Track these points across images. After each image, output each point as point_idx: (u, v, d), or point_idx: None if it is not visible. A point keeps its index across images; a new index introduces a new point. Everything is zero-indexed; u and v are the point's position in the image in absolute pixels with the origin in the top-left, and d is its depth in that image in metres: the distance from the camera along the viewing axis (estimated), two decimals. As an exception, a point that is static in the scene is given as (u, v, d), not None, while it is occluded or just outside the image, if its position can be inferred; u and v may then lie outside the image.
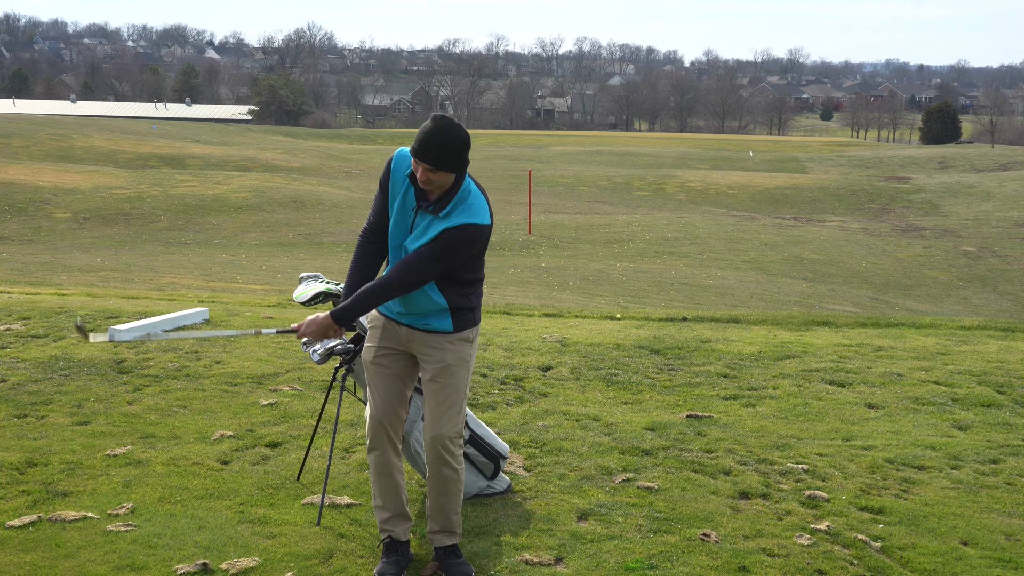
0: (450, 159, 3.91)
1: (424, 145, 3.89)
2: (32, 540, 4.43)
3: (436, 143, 3.88)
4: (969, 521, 4.85)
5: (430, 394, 4.22)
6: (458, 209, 4.01)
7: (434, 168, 3.91)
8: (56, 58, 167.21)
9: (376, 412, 4.28)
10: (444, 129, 3.89)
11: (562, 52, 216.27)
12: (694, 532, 4.63)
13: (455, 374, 4.21)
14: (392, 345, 4.26)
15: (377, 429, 4.27)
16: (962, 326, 9.85)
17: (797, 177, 53.12)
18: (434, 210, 4.02)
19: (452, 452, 4.22)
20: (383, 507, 4.30)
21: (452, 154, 3.90)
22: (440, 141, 3.88)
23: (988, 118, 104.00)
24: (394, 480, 4.30)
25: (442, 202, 4.01)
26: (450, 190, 4.01)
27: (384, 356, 4.27)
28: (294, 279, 17.48)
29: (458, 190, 4.02)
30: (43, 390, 6.76)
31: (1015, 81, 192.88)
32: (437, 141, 3.88)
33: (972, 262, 27.81)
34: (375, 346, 4.28)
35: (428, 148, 3.89)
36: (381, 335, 4.27)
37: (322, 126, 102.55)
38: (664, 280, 20.52)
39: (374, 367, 4.28)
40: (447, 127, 3.90)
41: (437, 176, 3.93)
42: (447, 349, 4.19)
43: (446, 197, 4.01)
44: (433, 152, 3.88)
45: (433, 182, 3.95)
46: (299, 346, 8.27)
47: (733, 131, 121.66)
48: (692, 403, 6.81)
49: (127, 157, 51.02)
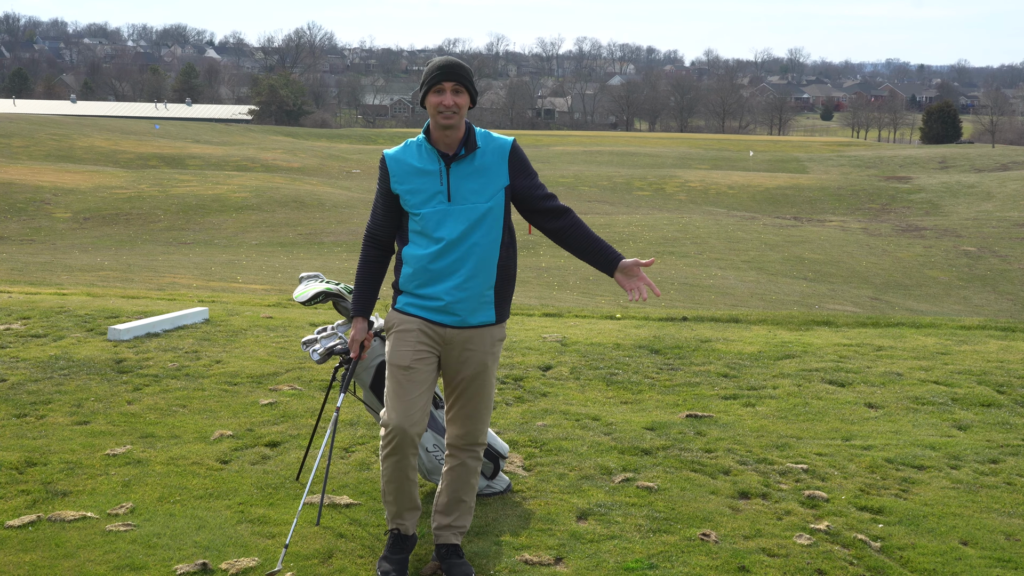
0: (470, 75, 3.94)
1: (444, 67, 3.89)
2: (32, 540, 4.42)
3: (453, 63, 3.91)
4: (969, 521, 4.85)
5: (466, 397, 4.13)
6: (486, 137, 4.03)
7: (463, 84, 3.89)
8: (56, 58, 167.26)
9: (402, 421, 4.04)
10: (447, 56, 3.97)
11: (562, 52, 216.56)
12: (694, 532, 4.62)
13: (492, 374, 4.14)
14: (429, 349, 4.07)
15: (402, 437, 4.06)
16: (962, 326, 9.84)
17: (797, 177, 53.11)
18: (467, 150, 3.97)
19: (481, 447, 4.24)
20: (394, 503, 4.21)
21: (469, 71, 3.94)
22: (454, 61, 3.92)
23: (989, 118, 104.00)
24: (411, 481, 4.19)
25: (468, 143, 3.98)
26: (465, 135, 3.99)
27: (420, 361, 4.06)
28: (294, 279, 17.47)
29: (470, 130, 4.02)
30: (43, 390, 6.75)
31: (1015, 81, 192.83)
32: (452, 61, 3.91)
33: (972, 262, 27.80)
34: (411, 350, 4.04)
35: (450, 66, 3.90)
36: (418, 338, 4.05)
37: (322, 126, 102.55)
38: (664, 280, 20.51)
39: (407, 373, 4.05)
40: (447, 56, 4.00)
41: (462, 100, 3.90)
42: (487, 350, 4.09)
43: (466, 138, 3.98)
44: (456, 68, 3.89)
45: (459, 109, 3.89)
46: (299, 346, 8.27)
47: (733, 131, 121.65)
48: (692, 403, 6.81)
49: (127, 157, 51.02)
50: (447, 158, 3.96)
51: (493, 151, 4.02)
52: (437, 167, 3.97)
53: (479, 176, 3.99)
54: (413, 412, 4.05)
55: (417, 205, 3.98)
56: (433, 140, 3.99)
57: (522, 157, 4.09)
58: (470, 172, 3.98)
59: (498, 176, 4.01)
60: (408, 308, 4.06)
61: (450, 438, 4.21)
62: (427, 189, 3.97)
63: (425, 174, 3.97)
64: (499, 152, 4.03)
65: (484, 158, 4.00)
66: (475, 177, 3.98)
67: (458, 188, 3.97)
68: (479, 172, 3.99)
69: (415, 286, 4.02)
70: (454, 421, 4.18)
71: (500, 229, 4.04)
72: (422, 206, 3.97)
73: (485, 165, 4.00)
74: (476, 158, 3.99)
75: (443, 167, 3.97)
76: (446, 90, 3.88)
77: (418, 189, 3.97)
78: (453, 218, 3.95)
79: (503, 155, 4.03)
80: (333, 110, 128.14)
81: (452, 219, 3.95)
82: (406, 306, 4.07)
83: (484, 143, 4.02)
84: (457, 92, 3.89)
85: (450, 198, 3.96)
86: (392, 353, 4.09)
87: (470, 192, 3.97)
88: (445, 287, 3.97)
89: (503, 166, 4.02)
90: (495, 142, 4.05)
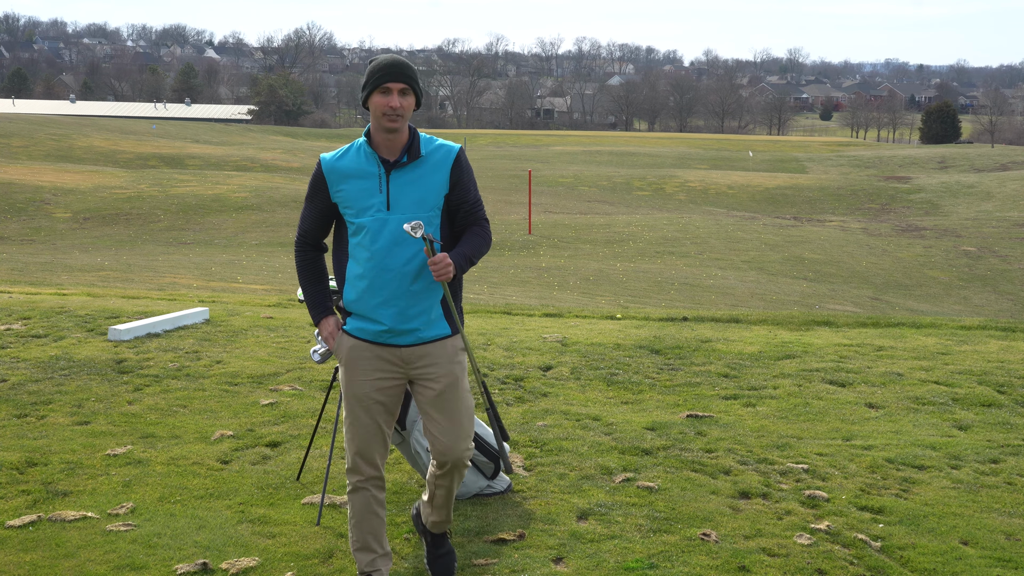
0: (416, 76, 3.75)
1: (390, 66, 3.68)
2: (32, 540, 4.42)
3: (400, 61, 3.71)
4: (969, 521, 4.85)
5: (441, 411, 3.86)
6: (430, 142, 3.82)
7: (410, 85, 3.68)
8: (56, 58, 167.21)
9: (365, 450, 3.88)
10: (392, 55, 3.77)
11: (562, 52, 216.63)
12: (694, 532, 4.62)
13: (462, 383, 3.90)
14: (390, 374, 3.84)
15: (365, 468, 3.90)
16: (962, 326, 9.85)
17: (797, 177, 53.12)
18: (409, 158, 3.74)
19: (468, 453, 4.00)
20: (366, 548, 3.98)
21: (415, 71, 3.75)
22: (400, 60, 3.72)
23: (988, 118, 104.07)
24: (379, 518, 3.99)
25: (412, 149, 3.76)
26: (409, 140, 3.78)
27: (381, 392, 3.84)
28: (294, 279, 17.47)
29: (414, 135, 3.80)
30: (43, 390, 6.75)
31: (1015, 81, 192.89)
32: (398, 60, 3.71)
33: (972, 262, 27.82)
34: (370, 380, 3.82)
35: (397, 65, 3.69)
36: (373, 365, 3.82)
37: (322, 126, 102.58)
38: (664, 280, 20.52)
39: (368, 403, 3.84)
40: (391, 54, 3.79)
41: (408, 101, 3.70)
42: (451, 359, 3.86)
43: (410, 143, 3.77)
44: (403, 67, 3.68)
45: (404, 112, 3.68)
46: (299, 346, 8.27)
47: (733, 131, 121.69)
48: (692, 403, 6.81)
49: (127, 157, 51.02)
50: (387, 164, 3.74)
51: (437, 159, 3.80)
52: (377, 172, 3.74)
53: (420, 185, 3.75)
54: (376, 441, 3.88)
55: (355, 214, 3.74)
56: (374, 144, 3.76)
57: (466, 167, 3.84)
58: (412, 180, 3.75)
59: (440, 185, 3.78)
60: (358, 333, 3.83)
61: (434, 456, 3.94)
62: (365, 197, 3.73)
63: (364, 180, 3.74)
64: (443, 160, 3.80)
65: (427, 166, 3.77)
66: (416, 185, 3.75)
67: (398, 197, 3.73)
68: (421, 180, 3.76)
69: (360, 306, 3.79)
70: (434, 441, 3.89)
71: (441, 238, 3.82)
72: (360, 215, 3.73)
73: (427, 173, 3.77)
74: (418, 165, 3.76)
75: (383, 173, 3.73)
76: (392, 91, 3.66)
77: (356, 196, 3.74)
78: (391, 228, 3.71)
79: (446, 163, 3.80)
80: (332, 110, 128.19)
81: (390, 229, 3.71)
82: (356, 331, 3.83)
83: (428, 150, 3.80)
84: (404, 93, 3.68)
85: (389, 207, 3.72)
86: (348, 383, 3.85)
87: (411, 202, 3.73)
88: (391, 305, 3.74)
89: (445, 174, 3.79)
90: (440, 149, 3.82)
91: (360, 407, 3.85)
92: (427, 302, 3.79)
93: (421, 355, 3.82)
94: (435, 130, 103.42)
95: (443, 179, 3.78)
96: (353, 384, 3.85)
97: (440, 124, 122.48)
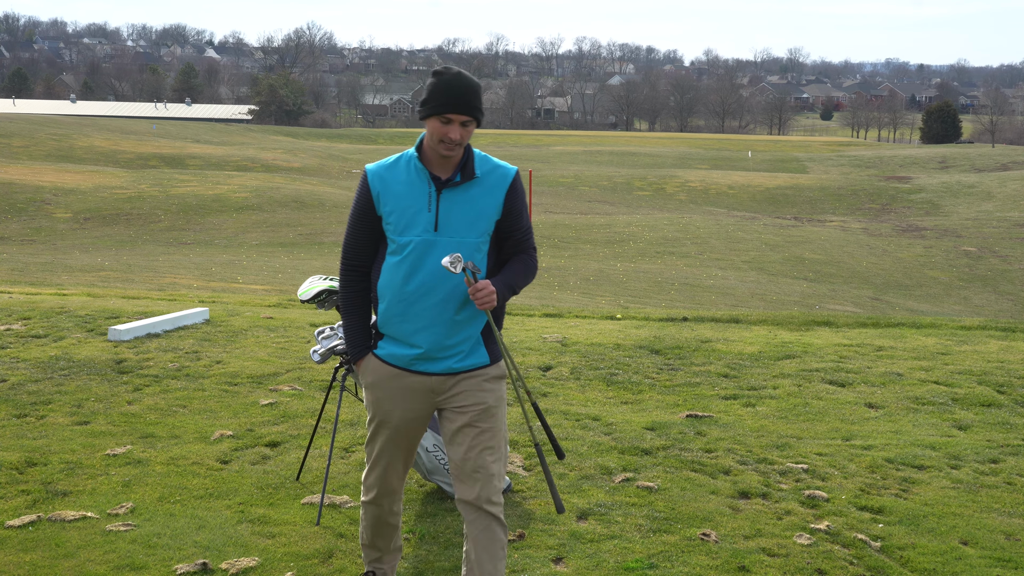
0: (480, 105, 3.44)
1: (457, 97, 3.36)
2: (32, 540, 4.42)
3: (467, 89, 3.38)
4: (969, 521, 4.85)
5: (466, 443, 3.55)
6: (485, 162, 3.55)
7: (473, 119, 3.40)
8: (56, 58, 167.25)
9: (389, 477, 3.73)
10: (462, 75, 3.41)
11: (562, 52, 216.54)
12: (694, 532, 4.62)
13: (496, 415, 3.59)
14: (418, 404, 3.61)
15: (386, 491, 3.76)
16: (962, 326, 9.85)
17: (797, 177, 53.12)
18: (463, 177, 3.48)
19: (499, 507, 3.59)
20: (374, 547, 3.91)
21: (479, 100, 3.43)
22: (468, 86, 3.39)
23: (988, 118, 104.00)
24: (393, 526, 3.88)
25: (466, 168, 3.50)
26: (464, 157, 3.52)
27: (408, 421, 3.63)
28: (295, 279, 17.48)
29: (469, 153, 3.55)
30: (43, 390, 6.75)
31: (1015, 80, 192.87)
32: (465, 87, 3.38)
33: (973, 262, 27.81)
34: (397, 409, 3.60)
35: (464, 96, 3.37)
36: (401, 395, 3.59)
37: (322, 126, 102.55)
38: (664, 280, 20.52)
39: (392, 431, 3.64)
40: (462, 73, 3.42)
41: (469, 130, 3.42)
42: (486, 389, 3.58)
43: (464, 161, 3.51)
44: (469, 98, 3.37)
45: (463, 141, 3.42)
46: (299, 346, 8.27)
47: (733, 131, 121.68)
48: (692, 403, 6.81)
49: (127, 157, 51.04)
50: (439, 182, 3.47)
51: (492, 181, 3.53)
52: (427, 190, 3.48)
53: (472, 207, 3.49)
54: (400, 470, 3.75)
55: (399, 232, 3.48)
56: (425, 159, 3.51)
57: (520, 193, 3.59)
58: (463, 201, 3.49)
59: (493, 210, 3.52)
60: (389, 359, 3.58)
61: (461, 498, 3.59)
62: (412, 214, 3.47)
63: (412, 196, 3.48)
64: (498, 183, 3.54)
65: (481, 187, 3.51)
66: (468, 208, 3.48)
67: (447, 218, 3.47)
68: (473, 203, 3.49)
69: (396, 329, 3.54)
70: (462, 478, 3.56)
71: (486, 264, 3.57)
72: (404, 233, 3.47)
73: (480, 196, 3.51)
74: (472, 186, 3.50)
75: (433, 191, 3.47)
76: (454, 122, 3.38)
77: (402, 213, 3.48)
78: (439, 251, 3.44)
79: (501, 187, 3.54)
80: (333, 110, 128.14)
81: (437, 252, 3.45)
82: (387, 356, 3.58)
83: (483, 170, 3.53)
84: (466, 125, 3.40)
85: (437, 227, 3.46)
86: (374, 407, 3.66)
87: (461, 224, 3.47)
88: (429, 331, 3.49)
89: (499, 199, 3.53)
90: (496, 171, 3.55)
91: (383, 432, 3.66)
92: (468, 331, 3.54)
93: (451, 384, 3.57)
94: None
95: (496, 204, 3.53)
96: (379, 410, 3.64)
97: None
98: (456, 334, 3.52)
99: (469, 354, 3.56)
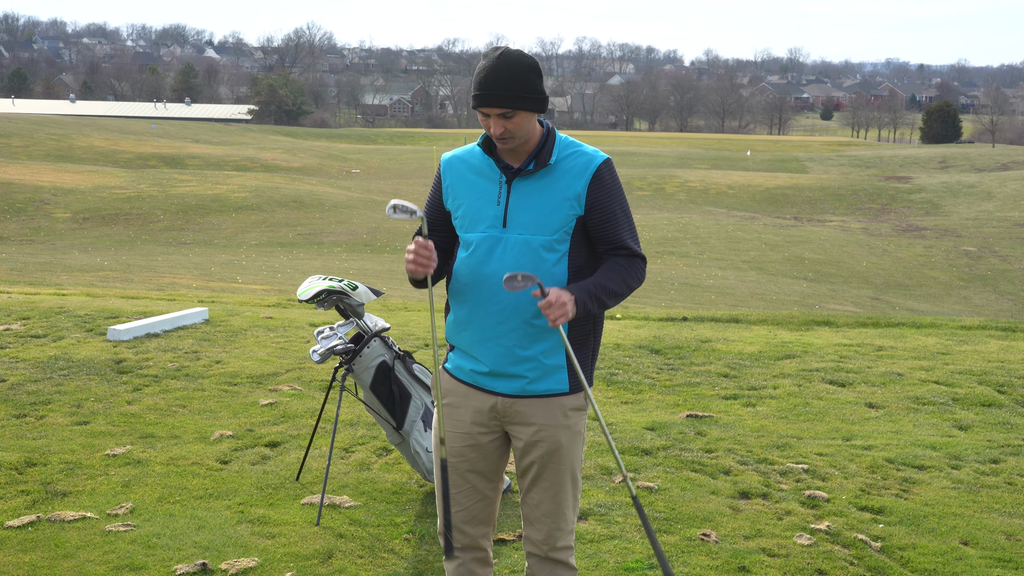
0: (521, 92, 2.93)
1: (485, 85, 2.94)
2: (31, 540, 4.42)
3: (494, 82, 2.92)
4: (969, 521, 4.84)
5: (538, 487, 3.14)
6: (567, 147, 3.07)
7: (511, 109, 2.93)
8: (55, 58, 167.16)
9: (465, 523, 3.20)
10: (502, 58, 2.94)
11: (562, 52, 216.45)
12: (694, 532, 4.62)
13: (570, 455, 3.12)
14: (486, 428, 3.14)
15: (464, 542, 3.22)
16: (963, 326, 9.84)
17: (797, 177, 53.12)
18: (537, 165, 3.03)
19: (567, 551, 3.20)
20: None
21: (521, 85, 2.93)
22: (499, 74, 2.92)
23: (989, 118, 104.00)
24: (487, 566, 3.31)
25: (541, 154, 3.05)
26: (540, 142, 3.07)
27: (475, 448, 3.15)
28: (294, 279, 17.48)
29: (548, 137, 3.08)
30: (42, 390, 6.75)
31: (1015, 80, 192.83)
32: (497, 75, 2.92)
33: (973, 262, 27.81)
34: (462, 432, 3.15)
35: (490, 89, 2.93)
36: (467, 416, 3.14)
37: (322, 126, 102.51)
38: (664, 280, 20.52)
39: (461, 463, 3.16)
40: (504, 55, 2.94)
41: (516, 121, 2.96)
42: (558, 423, 3.08)
43: (541, 147, 3.06)
44: (500, 88, 2.92)
45: (514, 132, 2.97)
46: (299, 346, 8.26)
47: (733, 131, 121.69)
48: (692, 403, 6.81)
49: (127, 157, 51.04)
50: (509, 171, 3.05)
51: (569, 167, 3.04)
52: (497, 180, 3.07)
53: (543, 198, 3.03)
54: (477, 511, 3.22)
55: (465, 227, 3.09)
56: (495, 147, 3.11)
57: (609, 184, 3.05)
58: (535, 191, 3.03)
59: (569, 203, 3.03)
60: (456, 372, 3.18)
61: (528, 544, 3.20)
62: (480, 207, 3.08)
63: (482, 187, 3.09)
64: (579, 171, 3.04)
65: (555, 175, 3.04)
66: (540, 199, 3.03)
67: (516, 212, 3.02)
68: (544, 193, 3.03)
69: (460, 339, 3.14)
70: (530, 520, 3.17)
71: (566, 270, 3.04)
72: (470, 229, 3.08)
73: (553, 184, 3.03)
74: (546, 174, 3.04)
75: (504, 181, 3.06)
76: (492, 116, 2.97)
77: (470, 204, 3.10)
78: (506, 250, 3.02)
79: (583, 176, 3.03)
80: (332, 110, 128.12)
81: (503, 251, 3.02)
82: (454, 369, 3.19)
83: (561, 156, 3.06)
84: (507, 116, 2.96)
85: (506, 223, 3.03)
86: (441, 428, 3.20)
87: (531, 219, 3.01)
88: (497, 343, 3.05)
89: (578, 190, 3.03)
90: (578, 157, 3.05)
91: (460, 467, 3.18)
92: (545, 343, 3.05)
93: (520, 409, 3.09)
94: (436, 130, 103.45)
95: (574, 195, 3.02)
96: (448, 435, 3.18)
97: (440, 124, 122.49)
98: (530, 346, 3.04)
99: (547, 375, 3.07)
